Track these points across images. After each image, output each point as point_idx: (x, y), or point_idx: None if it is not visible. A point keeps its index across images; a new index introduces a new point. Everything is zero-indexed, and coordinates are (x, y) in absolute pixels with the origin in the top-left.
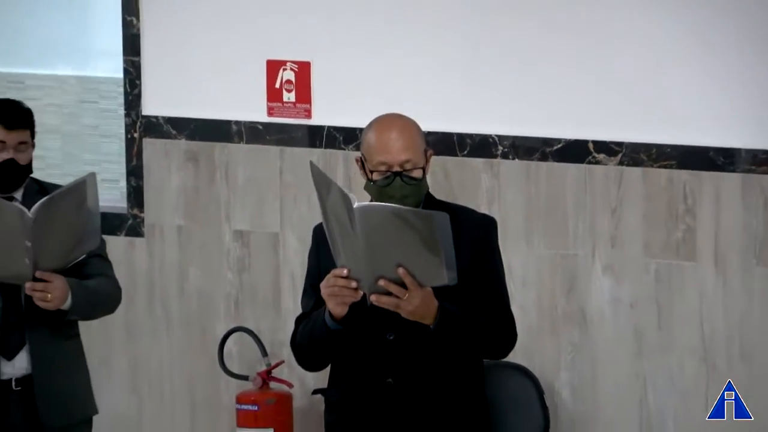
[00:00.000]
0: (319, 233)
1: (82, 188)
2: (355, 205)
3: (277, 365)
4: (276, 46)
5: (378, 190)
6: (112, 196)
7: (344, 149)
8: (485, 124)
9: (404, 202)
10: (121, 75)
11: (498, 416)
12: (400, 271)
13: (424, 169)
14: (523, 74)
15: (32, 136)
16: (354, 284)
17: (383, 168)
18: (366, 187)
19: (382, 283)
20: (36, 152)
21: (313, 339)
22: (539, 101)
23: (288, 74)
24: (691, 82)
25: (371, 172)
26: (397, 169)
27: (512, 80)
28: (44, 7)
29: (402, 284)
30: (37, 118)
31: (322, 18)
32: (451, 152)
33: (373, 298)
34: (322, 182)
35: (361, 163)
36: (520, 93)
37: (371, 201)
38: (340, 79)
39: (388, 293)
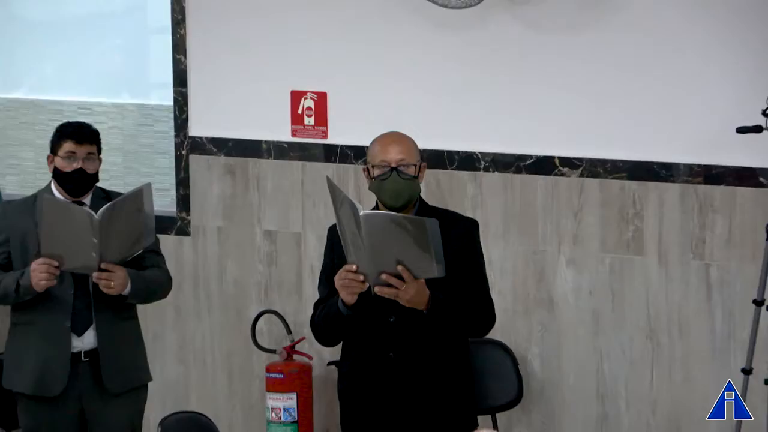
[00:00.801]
0: (332, 233)
1: (140, 195)
2: (361, 213)
3: (299, 341)
4: (298, 79)
5: (378, 185)
6: (164, 203)
7: (354, 164)
8: (470, 143)
9: (400, 195)
10: (171, 103)
11: (481, 383)
12: (399, 267)
13: (418, 170)
14: (501, 103)
15: (99, 151)
16: (362, 278)
17: (383, 165)
18: (370, 187)
19: (383, 277)
20: (102, 166)
21: (328, 321)
22: (514, 124)
23: (308, 102)
24: (637, 109)
25: (373, 168)
26: (393, 165)
27: (492, 108)
28: (109, 47)
29: (400, 277)
30: (102, 138)
31: (336, 57)
32: (442, 166)
33: (376, 289)
34: (336, 194)
35: (367, 170)
36: (498, 118)
37: (376, 203)
38: (351, 106)
39: (389, 285)
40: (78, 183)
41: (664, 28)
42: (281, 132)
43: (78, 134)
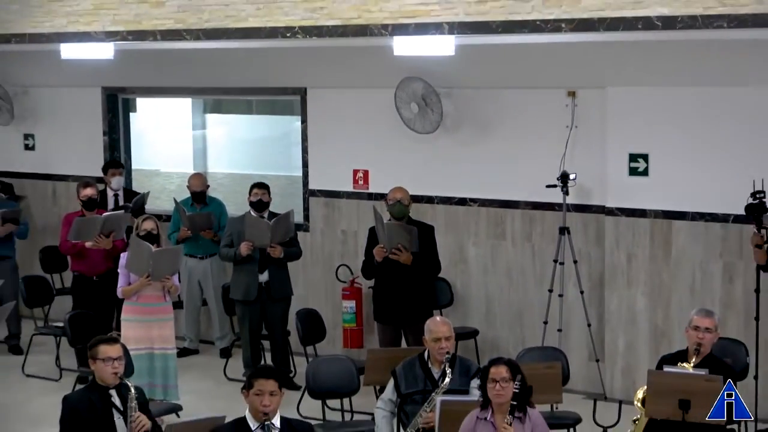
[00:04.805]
0: (371, 231)
1: (289, 215)
2: (385, 221)
3: (356, 277)
4: (356, 163)
5: (390, 210)
6: (298, 218)
7: (380, 201)
8: (430, 191)
9: (400, 214)
10: (301, 174)
11: (435, 295)
12: (400, 245)
13: (408, 206)
14: (444, 174)
15: (269, 194)
16: (385, 250)
17: (393, 200)
18: (387, 209)
19: (394, 249)
20: (272, 203)
21: (368, 268)
22: (450, 183)
23: (360, 174)
24: (504, 175)
25: (388, 201)
26: (398, 201)
27: (440, 176)
28: (275, 151)
29: (400, 250)
30: (272, 189)
31: (372, 154)
32: (418, 202)
33: (390, 255)
34: (376, 213)
35: (386, 202)
36: (443, 180)
37: (390, 216)
38: (379, 175)
39: (396, 254)
40: (258, 206)
41: (512, 137)
42: (348, 186)
43: (259, 185)
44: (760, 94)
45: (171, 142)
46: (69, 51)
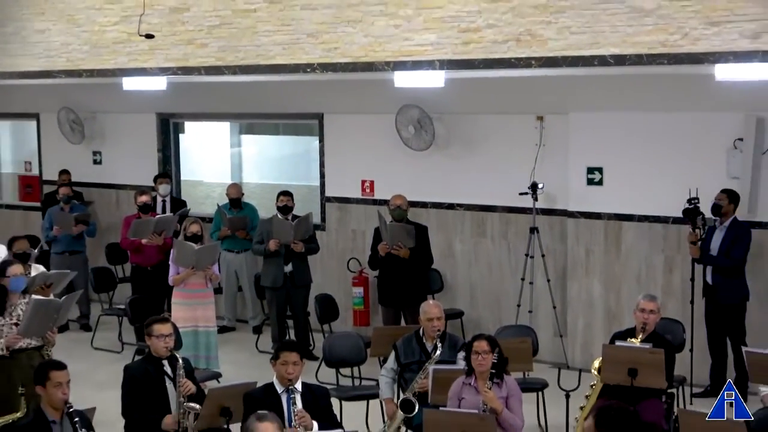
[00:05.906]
0: (376, 231)
1: (308, 217)
2: (388, 222)
3: (363, 268)
4: (363, 174)
5: (392, 213)
6: (316, 220)
7: (383, 205)
8: (423, 198)
9: (401, 216)
10: (318, 184)
11: (428, 283)
12: (399, 242)
13: (406, 210)
14: (436, 184)
15: (292, 200)
16: (387, 246)
17: (394, 206)
18: (389, 212)
19: (395, 245)
20: (296, 208)
21: (374, 261)
22: (441, 191)
23: (367, 183)
24: (486, 185)
25: (390, 206)
26: (398, 206)
27: (433, 186)
28: (303, 165)
29: (400, 246)
30: (295, 195)
31: (376, 167)
32: (414, 207)
33: (392, 250)
34: (380, 216)
35: (388, 206)
36: (434, 189)
37: (391, 221)
38: (382, 184)
39: (396, 249)
40: (284, 210)
41: (491, 154)
42: (357, 193)
43: (284, 192)
44: (695, 118)
45: (212, 158)
46: (129, 83)
